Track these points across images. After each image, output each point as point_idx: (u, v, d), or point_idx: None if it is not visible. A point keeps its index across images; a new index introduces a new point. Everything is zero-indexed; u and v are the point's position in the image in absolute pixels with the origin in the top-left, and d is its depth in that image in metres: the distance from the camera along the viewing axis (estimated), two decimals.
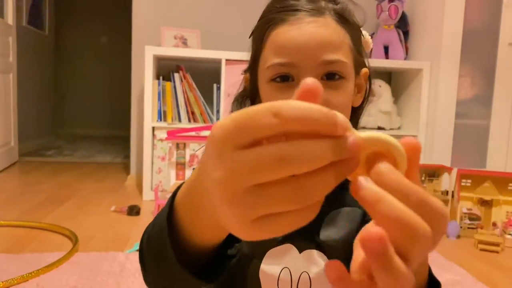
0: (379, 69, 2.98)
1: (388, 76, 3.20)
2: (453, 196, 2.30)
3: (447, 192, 2.30)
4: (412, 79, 2.96)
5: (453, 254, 1.94)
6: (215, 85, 2.78)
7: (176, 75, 2.73)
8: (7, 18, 3.54)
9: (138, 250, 0.47)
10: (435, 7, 2.79)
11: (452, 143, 2.77)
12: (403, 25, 3.03)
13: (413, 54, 3.05)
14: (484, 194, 2.24)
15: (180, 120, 2.72)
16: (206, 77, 2.84)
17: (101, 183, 3.11)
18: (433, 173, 2.34)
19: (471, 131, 2.82)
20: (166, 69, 2.80)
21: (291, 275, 0.61)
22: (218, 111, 2.77)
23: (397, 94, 3.08)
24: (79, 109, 6.14)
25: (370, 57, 3.44)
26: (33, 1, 4.42)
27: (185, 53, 2.72)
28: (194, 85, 2.75)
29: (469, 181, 2.26)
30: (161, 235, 0.39)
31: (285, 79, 0.59)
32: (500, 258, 1.95)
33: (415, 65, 2.89)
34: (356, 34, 0.63)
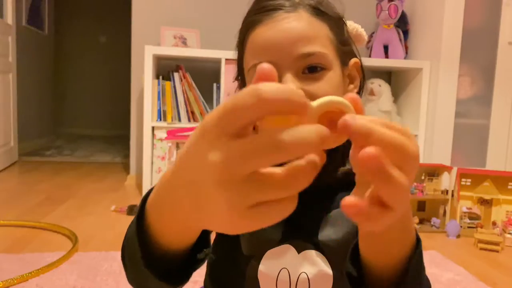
0: (379, 68, 2.98)
1: (388, 75, 3.20)
2: (453, 196, 2.30)
3: (447, 191, 2.29)
4: (412, 79, 2.96)
5: (453, 253, 1.94)
6: (215, 85, 2.78)
7: (176, 75, 2.73)
8: (6, 18, 3.54)
9: (121, 249, 0.48)
10: (435, 6, 2.79)
11: (452, 143, 2.77)
12: (402, 24, 3.03)
13: (413, 53, 3.05)
14: (484, 193, 2.24)
15: (180, 120, 2.72)
16: (206, 76, 2.84)
17: (101, 183, 3.11)
18: (433, 172, 2.34)
19: (471, 131, 2.81)
20: (165, 69, 2.80)
21: (289, 275, 0.61)
22: None
23: (396, 94, 3.08)
24: (79, 109, 6.14)
25: (370, 56, 3.42)
26: (33, 1, 4.42)
27: (185, 52, 2.72)
28: (194, 85, 2.75)
29: (469, 180, 2.26)
30: (132, 236, 0.41)
31: None
32: (500, 257, 1.95)
33: (415, 64, 2.88)
34: (336, 24, 0.62)
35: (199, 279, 0.66)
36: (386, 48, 2.99)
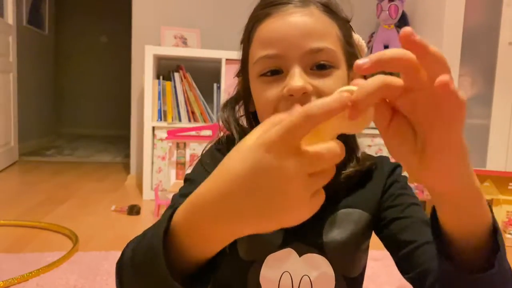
0: None
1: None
2: None
3: None
4: None
5: None
6: (215, 85, 2.78)
7: (176, 75, 2.73)
8: (7, 18, 3.54)
9: (117, 263, 0.46)
10: (435, 6, 2.79)
11: None
12: (403, 24, 3.03)
13: None
14: (484, 194, 2.23)
15: (180, 120, 2.72)
16: (206, 76, 2.84)
17: (101, 182, 3.11)
18: None
19: (471, 131, 2.81)
20: (166, 69, 2.80)
21: (292, 279, 0.61)
22: (218, 110, 2.77)
23: None
24: (79, 108, 6.14)
25: None
26: (33, 0, 4.42)
27: (185, 52, 2.72)
28: (194, 85, 2.75)
29: None
30: (151, 251, 0.39)
31: (274, 73, 0.57)
32: None
33: None
34: (344, 26, 0.62)
35: None
36: (386, 48, 2.99)
